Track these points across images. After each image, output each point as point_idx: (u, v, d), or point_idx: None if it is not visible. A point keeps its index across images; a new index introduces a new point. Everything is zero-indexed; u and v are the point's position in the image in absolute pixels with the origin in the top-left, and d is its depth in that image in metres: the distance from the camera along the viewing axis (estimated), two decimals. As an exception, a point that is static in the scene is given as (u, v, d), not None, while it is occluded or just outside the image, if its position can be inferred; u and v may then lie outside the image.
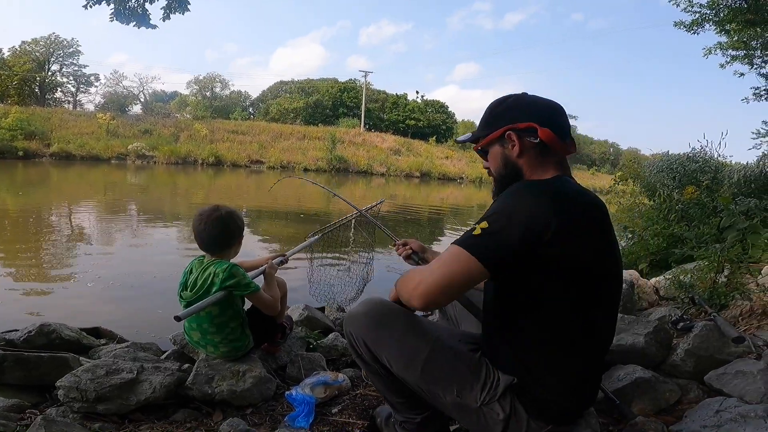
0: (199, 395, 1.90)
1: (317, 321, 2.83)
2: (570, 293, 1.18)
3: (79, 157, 26.07)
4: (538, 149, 1.27)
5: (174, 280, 2.17)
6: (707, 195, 5.06)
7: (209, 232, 1.95)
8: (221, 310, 1.96)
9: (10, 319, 3.13)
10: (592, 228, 1.20)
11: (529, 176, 1.29)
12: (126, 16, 7.08)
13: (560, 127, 1.28)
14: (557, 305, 1.19)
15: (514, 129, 1.28)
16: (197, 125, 34.30)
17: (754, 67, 10.46)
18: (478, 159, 1.51)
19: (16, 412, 1.67)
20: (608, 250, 1.24)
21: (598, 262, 1.20)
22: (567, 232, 1.13)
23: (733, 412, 1.59)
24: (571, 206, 1.17)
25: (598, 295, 1.22)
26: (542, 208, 1.13)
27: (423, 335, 1.33)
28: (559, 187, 1.22)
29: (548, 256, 1.13)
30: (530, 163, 1.29)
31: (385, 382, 1.43)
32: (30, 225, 7.67)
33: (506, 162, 1.32)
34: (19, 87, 38.29)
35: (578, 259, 1.16)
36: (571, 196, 1.21)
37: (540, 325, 1.21)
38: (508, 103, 1.34)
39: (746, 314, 2.56)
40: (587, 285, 1.19)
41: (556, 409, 1.23)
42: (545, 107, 1.31)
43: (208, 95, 50.62)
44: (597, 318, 1.23)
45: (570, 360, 1.22)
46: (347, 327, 1.44)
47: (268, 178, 24.05)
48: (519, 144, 1.28)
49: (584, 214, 1.20)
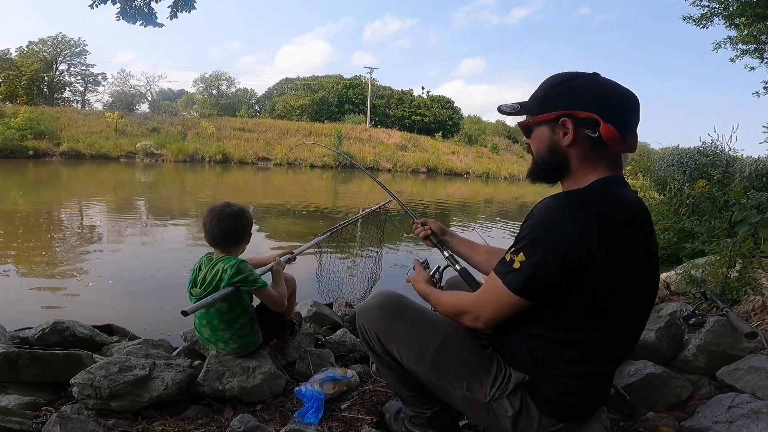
0: (209, 391, 1.92)
1: (325, 317, 2.85)
2: (600, 305, 1.12)
3: (88, 155, 26.28)
4: (593, 143, 1.13)
5: (184, 277, 2.18)
6: (718, 189, 5.01)
7: (220, 227, 1.98)
8: (230, 306, 1.97)
9: (24, 317, 3.18)
10: (639, 244, 1.13)
11: (576, 170, 1.16)
12: (132, 15, 7.12)
13: (627, 122, 1.14)
14: (583, 315, 1.13)
15: (573, 117, 1.13)
16: (204, 123, 34.45)
17: (765, 61, 10.32)
18: (485, 154, 1.49)
19: (32, 409, 1.69)
20: (649, 262, 1.17)
21: (637, 276, 1.14)
22: (613, 256, 1.06)
23: (745, 408, 1.58)
24: (619, 225, 1.08)
25: (631, 304, 1.16)
26: (586, 233, 1.05)
27: (434, 329, 1.34)
28: (607, 199, 1.11)
29: (590, 279, 1.08)
30: (581, 156, 1.16)
31: (395, 375, 1.44)
32: (42, 223, 7.75)
33: (553, 148, 1.18)
34: (28, 87, 38.66)
35: (619, 277, 1.10)
36: (620, 211, 1.10)
37: (560, 330, 1.16)
38: (574, 84, 1.16)
39: (759, 309, 2.53)
40: (621, 297, 1.13)
41: (569, 407, 1.21)
42: (617, 98, 1.14)
43: (215, 93, 50.80)
44: (624, 326, 1.18)
45: (588, 362, 1.18)
46: (360, 319, 1.46)
47: (275, 175, 24.14)
48: (574, 134, 1.13)
49: (632, 231, 1.10)
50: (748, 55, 10.19)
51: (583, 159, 1.16)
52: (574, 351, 1.16)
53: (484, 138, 47.40)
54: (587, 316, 1.13)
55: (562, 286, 1.09)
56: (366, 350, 1.50)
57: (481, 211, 14.51)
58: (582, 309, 1.13)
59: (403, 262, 5.90)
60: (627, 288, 1.13)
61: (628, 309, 1.16)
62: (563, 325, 1.15)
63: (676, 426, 1.62)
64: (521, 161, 41.05)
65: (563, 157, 1.18)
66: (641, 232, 1.13)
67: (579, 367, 1.17)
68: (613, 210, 1.09)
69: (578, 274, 1.06)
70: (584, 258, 1.04)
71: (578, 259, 1.05)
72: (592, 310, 1.12)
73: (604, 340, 1.16)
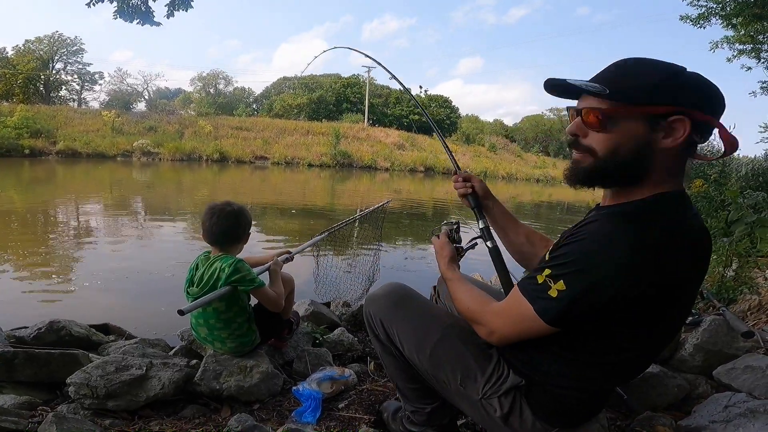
0: (207, 391, 1.92)
1: (323, 316, 2.84)
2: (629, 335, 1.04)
3: (85, 154, 26.15)
4: (684, 149, 0.97)
5: (181, 276, 2.18)
6: (715, 188, 5.04)
7: (220, 226, 1.98)
8: (227, 305, 1.97)
9: (19, 316, 3.16)
10: (692, 271, 1.00)
11: (649, 178, 0.99)
12: (129, 14, 7.09)
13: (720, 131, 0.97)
14: (606, 340, 1.05)
15: (691, 116, 0.94)
16: (201, 122, 34.33)
17: (762, 61, 10.37)
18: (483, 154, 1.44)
19: (28, 409, 1.68)
20: (696, 287, 1.07)
21: (678, 308, 1.05)
22: (665, 293, 0.95)
23: (742, 407, 1.59)
24: (673, 252, 0.94)
25: (662, 333, 1.07)
26: (635, 267, 0.92)
27: (437, 321, 1.35)
28: (662, 222, 0.95)
29: (630, 313, 0.97)
30: (668, 163, 0.98)
31: (398, 365, 1.44)
32: (38, 222, 7.72)
33: (643, 149, 0.97)
34: (24, 85, 38.46)
35: (661, 312, 0.99)
36: (675, 235, 0.95)
37: (575, 350, 1.09)
38: (683, 78, 0.96)
39: (755, 308, 2.54)
40: (654, 328, 1.04)
41: (566, 415, 1.19)
42: (722, 101, 0.97)
43: (212, 92, 50.67)
44: (647, 350, 1.11)
45: (597, 381, 1.14)
46: (367, 307, 1.48)
47: (272, 174, 24.09)
48: (685, 138, 0.94)
49: (688, 258, 0.97)
50: (745, 55, 10.25)
51: (662, 165, 0.98)
52: (585, 369, 1.11)
53: (481, 137, 47.40)
54: (610, 341, 1.06)
55: (602, 318, 0.99)
56: (371, 338, 1.51)
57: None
58: (607, 336, 1.04)
59: (401, 263, 5.91)
60: (664, 319, 1.03)
61: (655, 336, 1.08)
62: (580, 346, 1.08)
63: (673, 425, 1.62)
64: (519, 160, 41.14)
65: (649, 162, 0.98)
66: (700, 266, 1.02)
67: (585, 384, 1.13)
68: (677, 240, 0.94)
69: (622, 308, 0.96)
70: (635, 294, 0.94)
71: (628, 293, 0.93)
72: (618, 337, 1.05)
73: (621, 363, 1.10)
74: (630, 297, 0.94)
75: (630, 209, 1.00)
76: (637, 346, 1.07)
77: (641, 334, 1.04)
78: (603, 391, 1.21)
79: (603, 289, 0.94)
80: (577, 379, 1.13)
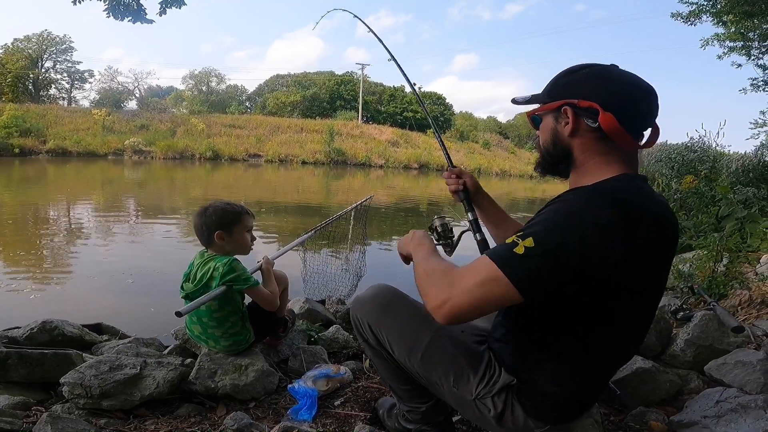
0: (202, 390, 1.91)
1: (318, 314, 2.84)
2: (605, 317, 1.06)
3: (75, 153, 25.95)
4: (598, 135, 1.07)
5: (174, 275, 2.18)
6: (706, 184, 5.08)
7: (194, 224, 2.03)
8: (220, 305, 1.97)
9: (11, 316, 3.14)
10: (661, 249, 1.05)
11: (583, 162, 1.11)
12: (121, 12, 7.00)
13: (635, 114, 1.07)
14: (588, 323, 1.07)
15: (573, 105, 1.08)
16: (194, 120, 34.16)
17: (752, 58, 10.46)
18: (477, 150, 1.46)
19: (22, 409, 1.67)
20: (666, 268, 1.12)
21: (651, 284, 1.08)
22: (633, 258, 0.97)
23: (733, 402, 1.60)
24: (642, 225, 0.98)
25: (636, 317, 1.11)
26: (607, 230, 0.94)
27: (427, 323, 1.31)
28: (629, 197, 1.01)
29: (604, 281, 0.97)
30: (585, 147, 1.10)
31: (389, 368, 1.43)
32: (29, 221, 7.65)
33: (556, 139, 1.14)
34: (13, 84, 38.05)
35: (635, 282, 1.01)
36: (643, 210, 1.00)
37: (555, 336, 1.11)
38: (580, 73, 1.11)
39: (745, 303, 2.57)
40: (629, 309, 1.06)
41: (557, 412, 1.19)
42: (624, 87, 1.07)
43: (204, 90, 50.32)
44: (626, 338, 1.14)
45: (583, 373, 1.15)
46: (354, 311, 1.46)
47: (266, 172, 24.01)
48: (573, 123, 1.08)
49: (657, 234, 1.02)
50: (736, 52, 10.32)
51: (588, 152, 1.10)
52: (570, 360, 1.12)
53: (475, 134, 47.55)
54: (589, 326, 1.07)
55: (570, 287, 0.97)
56: (360, 342, 1.50)
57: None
58: (585, 318, 1.06)
59: (387, 259, 5.90)
60: (638, 300, 1.06)
61: (633, 321, 1.11)
62: (563, 333, 1.09)
63: (666, 420, 1.64)
64: (512, 157, 41.28)
65: (566, 149, 1.12)
66: (668, 236, 1.07)
67: (572, 376, 1.14)
68: (643, 208, 1.01)
69: (591, 275, 0.95)
70: (603, 257, 0.94)
71: (595, 260, 0.94)
72: (596, 320, 1.06)
73: (603, 351, 1.12)
74: (602, 258, 0.94)
75: (596, 186, 1.06)
76: (614, 334, 1.09)
77: (616, 313, 1.05)
78: (592, 385, 1.21)
79: (572, 248, 0.93)
80: (567, 374, 1.14)
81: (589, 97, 1.06)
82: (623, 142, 1.06)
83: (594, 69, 1.10)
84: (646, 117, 1.09)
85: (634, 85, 1.08)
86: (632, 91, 1.07)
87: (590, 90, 1.07)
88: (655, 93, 1.09)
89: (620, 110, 1.04)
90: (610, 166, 1.08)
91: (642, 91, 1.08)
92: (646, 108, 1.08)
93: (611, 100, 1.04)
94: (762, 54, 10.38)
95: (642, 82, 1.09)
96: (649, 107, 1.09)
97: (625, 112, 1.04)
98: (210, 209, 2.03)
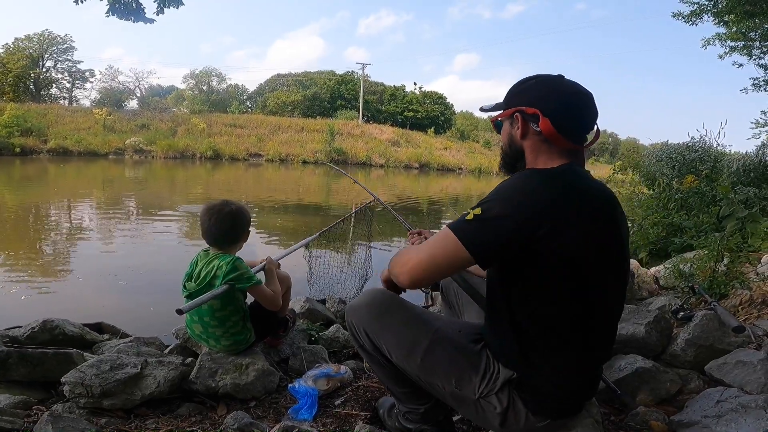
0: (202, 389, 1.91)
1: (318, 313, 2.84)
2: (566, 289, 1.15)
3: (76, 152, 25.95)
4: (542, 138, 1.22)
5: (174, 274, 2.18)
6: (706, 184, 5.07)
7: (218, 226, 1.97)
8: (222, 304, 1.97)
9: (12, 315, 3.15)
10: (596, 222, 1.16)
11: (532, 161, 1.26)
12: (121, 11, 7.01)
13: (571, 120, 1.22)
14: (553, 300, 1.16)
15: (522, 112, 1.24)
16: (194, 119, 34.14)
17: (753, 58, 10.46)
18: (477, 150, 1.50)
19: (23, 408, 1.67)
20: (613, 246, 1.20)
21: (599, 258, 1.16)
22: (566, 226, 1.10)
23: (733, 402, 1.60)
24: (573, 198, 1.13)
25: (598, 291, 1.19)
26: (541, 199, 1.10)
27: (423, 326, 1.34)
28: (565, 178, 1.17)
29: (542, 250, 1.10)
30: (533, 148, 1.25)
31: (387, 372, 1.44)
32: (29, 221, 7.66)
33: (510, 141, 1.31)
34: (14, 84, 38.02)
35: (576, 254, 1.12)
36: (575, 187, 1.16)
37: (537, 320, 1.18)
38: (529, 83, 1.28)
39: (746, 303, 2.57)
40: (586, 281, 1.16)
41: (556, 404, 1.23)
42: (563, 96, 1.23)
43: (205, 89, 50.31)
44: (596, 314, 1.20)
45: (568, 355, 1.20)
46: (349, 317, 1.45)
47: (266, 171, 24.02)
48: (522, 128, 1.25)
49: (588, 207, 1.15)
50: (737, 52, 10.32)
51: (535, 151, 1.25)
52: (552, 344, 1.19)
53: (476, 133, 47.54)
54: (562, 306, 1.16)
55: (510, 249, 1.11)
56: (357, 348, 1.50)
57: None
58: (554, 297, 1.16)
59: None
60: (596, 273, 1.16)
61: (601, 296, 1.20)
62: (541, 318, 1.17)
63: (666, 420, 1.64)
64: (513, 157, 41.21)
65: (518, 149, 1.28)
66: (602, 211, 1.18)
67: (561, 361, 1.19)
68: (575, 186, 1.16)
69: (530, 241, 1.09)
70: (538, 223, 1.08)
71: (532, 224, 1.09)
72: (564, 296, 1.15)
73: (583, 330, 1.19)
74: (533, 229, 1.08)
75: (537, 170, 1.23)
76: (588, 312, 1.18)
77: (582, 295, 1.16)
78: (578, 370, 1.23)
79: (510, 216, 1.10)
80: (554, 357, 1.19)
81: (533, 105, 1.22)
82: (560, 143, 1.21)
83: (540, 79, 1.27)
84: (581, 122, 1.25)
85: (573, 94, 1.23)
86: (570, 100, 1.22)
87: (535, 98, 1.23)
88: (593, 100, 1.25)
89: (557, 116, 1.20)
90: (553, 160, 1.23)
91: (579, 98, 1.23)
92: (582, 114, 1.24)
93: (550, 108, 1.20)
94: (763, 54, 10.39)
95: (581, 90, 1.24)
96: (585, 114, 1.24)
97: (562, 118, 1.20)
98: (241, 210, 2.03)
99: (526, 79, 1.30)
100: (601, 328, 1.24)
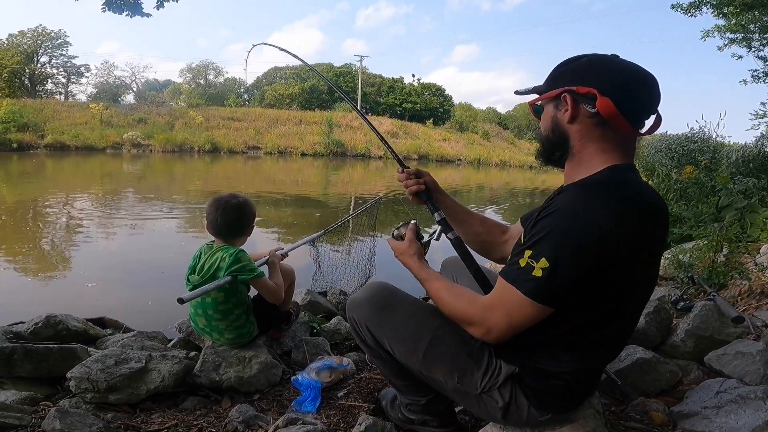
0: (207, 382, 1.93)
1: (320, 305, 2.86)
2: (605, 305, 1.09)
3: (73, 147, 25.81)
4: (596, 121, 1.10)
5: (175, 268, 2.19)
6: (706, 174, 5.08)
7: (225, 218, 1.99)
8: (226, 296, 1.98)
9: (15, 311, 3.15)
10: (658, 241, 1.10)
11: (579, 150, 1.14)
12: (118, 6, 6.96)
13: (633, 101, 1.08)
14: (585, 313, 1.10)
15: (572, 92, 1.11)
16: (192, 113, 33.93)
17: (752, 50, 10.41)
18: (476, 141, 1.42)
19: (30, 404, 1.68)
20: (657, 260, 1.16)
21: (647, 274, 1.12)
22: (640, 249, 1.04)
23: (733, 393, 1.61)
24: (644, 219, 1.04)
25: (629, 303, 1.14)
26: (618, 225, 1.00)
27: (425, 321, 1.33)
28: (627, 193, 1.05)
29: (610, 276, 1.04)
30: (583, 133, 1.12)
31: (388, 366, 1.44)
32: (29, 216, 7.65)
33: (555, 126, 1.17)
34: (9, 80, 37.74)
35: (633, 276, 1.07)
36: (644, 204, 1.06)
37: (558, 327, 1.12)
38: (580, 61, 1.14)
39: (745, 294, 2.59)
40: (627, 295, 1.11)
41: (558, 400, 1.22)
42: (623, 74, 1.09)
43: (202, 83, 50.04)
44: (623, 324, 1.17)
45: (581, 360, 1.17)
46: (350, 312, 1.45)
47: (265, 164, 23.95)
48: (572, 109, 1.11)
49: (655, 227, 1.08)
50: (736, 44, 10.28)
51: (585, 139, 1.12)
52: (569, 348, 1.15)
53: (475, 125, 47.30)
54: (589, 315, 1.10)
55: (590, 284, 1.04)
56: (358, 342, 1.50)
57: (472, 198, 14.53)
58: (590, 309, 1.09)
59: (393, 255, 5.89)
60: (636, 286, 1.11)
61: (629, 307, 1.15)
62: (562, 322, 1.11)
63: (666, 411, 1.65)
64: (512, 148, 41.12)
65: (563, 135, 1.15)
66: (661, 228, 1.11)
67: (571, 364, 1.17)
68: (640, 203, 1.05)
69: (606, 270, 1.02)
70: (614, 252, 1.00)
71: (609, 253, 1.00)
72: (596, 309, 1.09)
73: (601, 338, 1.15)
74: (613, 254, 1.00)
75: (591, 181, 1.10)
76: (618, 316, 1.13)
77: (621, 302, 1.10)
78: (588, 372, 1.22)
79: (588, 249, 1.00)
80: (561, 359, 1.16)
81: (587, 83, 1.08)
82: (620, 127, 1.08)
83: (593, 57, 1.13)
84: (644, 104, 1.11)
85: (634, 72, 1.09)
86: (631, 78, 1.09)
87: (589, 77, 1.10)
88: (657, 82, 1.10)
89: (618, 96, 1.06)
90: (605, 154, 1.11)
91: (641, 78, 1.09)
92: (645, 95, 1.10)
93: (609, 86, 1.07)
94: (762, 46, 10.35)
95: (642, 70, 1.10)
96: (648, 95, 1.10)
97: (623, 98, 1.06)
98: (247, 203, 2.06)
99: (575, 57, 1.16)
100: (621, 336, 1.22)
